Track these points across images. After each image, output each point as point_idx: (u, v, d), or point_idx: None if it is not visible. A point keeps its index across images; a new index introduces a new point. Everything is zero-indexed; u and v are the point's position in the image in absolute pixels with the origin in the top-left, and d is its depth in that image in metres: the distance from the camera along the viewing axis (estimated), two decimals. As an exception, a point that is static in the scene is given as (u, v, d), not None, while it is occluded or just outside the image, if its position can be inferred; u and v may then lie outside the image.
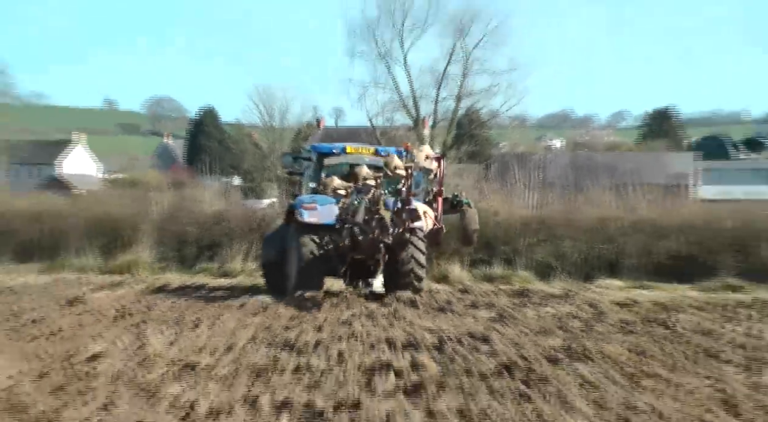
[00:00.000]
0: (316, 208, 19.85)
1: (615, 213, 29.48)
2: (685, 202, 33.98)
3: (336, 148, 21.77)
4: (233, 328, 15.12)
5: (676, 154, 77.36)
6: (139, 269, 26.97)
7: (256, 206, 36.19)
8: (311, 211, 19.80)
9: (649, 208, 30.06)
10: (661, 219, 28.23)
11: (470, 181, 38.40)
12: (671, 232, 27.46)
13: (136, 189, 40.59)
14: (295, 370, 11.52)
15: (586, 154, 71.78)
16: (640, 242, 27.26)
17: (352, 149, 21.97)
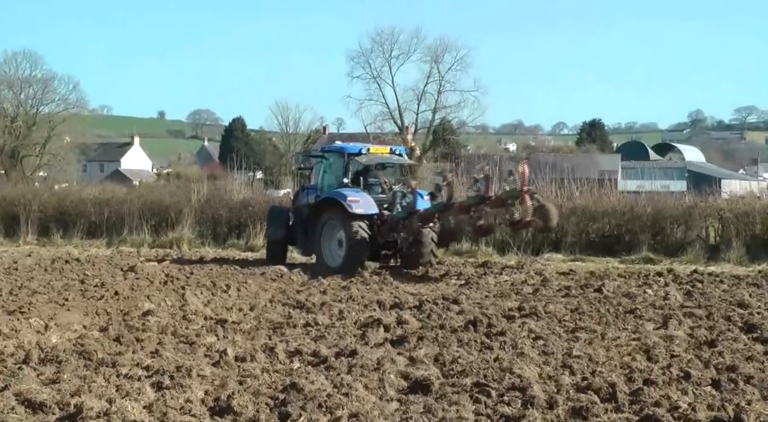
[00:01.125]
0: (359, 201, 18.97)
1: (557, 201, 29.44)
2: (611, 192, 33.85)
3: (363, 149, 20.76)
4: (256, 291, 15.02)
5: (605, 155, 77.41)
6: (182, 244, 26.86)
7: (274, 194, 36.15)
8: (357, 203, 18.87)
9: (583, 197, 30.08)
10: (593, 206, 28.14)
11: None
12: (601, 216, 27.43)
13: (180, 181, 40.42)
14: (305, 325, 11.42)
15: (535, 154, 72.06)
16: (577, 224, 27.21)
17: (375, 149, 21.17)
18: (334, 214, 19.30)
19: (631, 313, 12.50)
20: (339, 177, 20.10)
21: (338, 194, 19.39)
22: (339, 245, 19.27)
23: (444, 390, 7.62)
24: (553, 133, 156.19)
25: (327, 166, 20.76)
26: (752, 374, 8.21)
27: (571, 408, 6.99)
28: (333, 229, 19.43)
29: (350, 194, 19.22)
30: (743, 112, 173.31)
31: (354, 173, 20.03)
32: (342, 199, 19.08)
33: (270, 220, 21.93)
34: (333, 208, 19.32)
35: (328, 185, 20.36)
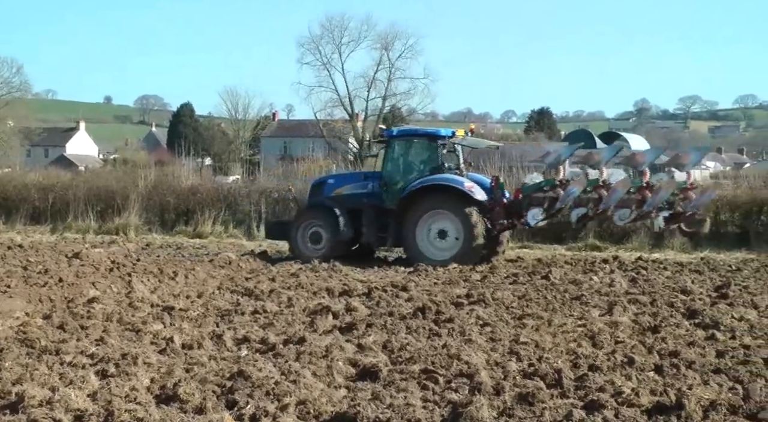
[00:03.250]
0: (474, 186, 17.82)
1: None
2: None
3: (451, 132, 19.00)
4: (204, 278, 14.89)
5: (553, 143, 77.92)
6: (128, 231, 26.57)
7: (223, 181, 35.89)
8: (474, 188, 17.71)
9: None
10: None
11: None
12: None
13: (127, 167, 39.96)
14: (253, 312, 11.35)
15: (484, 142, 72.44)
16: (525, 211, 27.37)
17: (460, 132, 19.37)
18: (440, 202, 17.89)
19: (577, 300, 12.63)
20: (429, 163, 18.63)
21: (450, 179, 18.04)
22: (441, 236, 18.01)
23: (392, 377, 7.63)
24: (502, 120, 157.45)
25: (400, 152, 19.19)
26: (694, 359, 8.35)
27: (517, 394, 7.04)
28: (433, 218, 18.02)
29: (462, 179, 18.08)
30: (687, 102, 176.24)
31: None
32: (458, 185, 17.78)
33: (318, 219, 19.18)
34: (437, 195, 17.88)
35: (410, 172, 18.79)
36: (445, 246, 17.95)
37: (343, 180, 20.28)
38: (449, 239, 17.93)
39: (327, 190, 19.75)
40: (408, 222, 18.07)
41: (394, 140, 19.28)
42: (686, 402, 6.55)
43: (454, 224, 17.83)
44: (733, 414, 6.48)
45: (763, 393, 6.98)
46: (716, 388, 7.21)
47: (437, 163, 18.48)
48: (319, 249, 18.88)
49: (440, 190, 17.83)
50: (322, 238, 19.05)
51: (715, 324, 10.42)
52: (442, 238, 18.00)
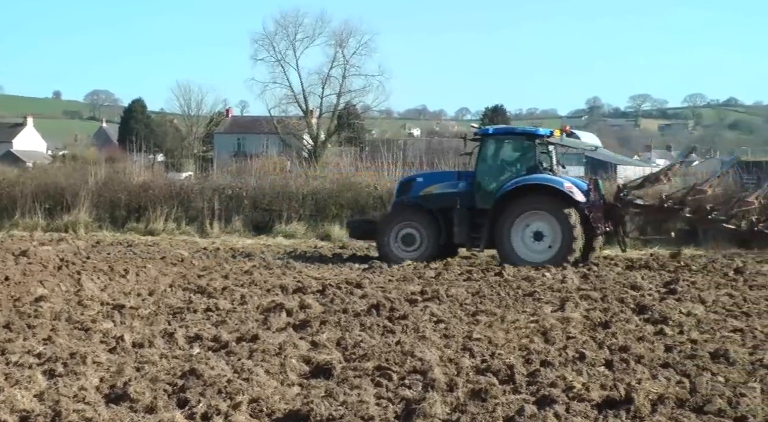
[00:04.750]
0: (574, 187, 17.44)
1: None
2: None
3: (549, 132, 18.34)
4: (155, 276, 14.76)
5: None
6: (78, 228, 26.24)
7: (176, 178, 35.62)
8: (574, 189, 17.33)
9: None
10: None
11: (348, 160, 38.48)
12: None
13: (77, 163, 39.47)
14: (206, 310, 11.27)
15: (438, 139, 72.75)
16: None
17: (557, 133, 18.55)
18: (537, 202, 17.47)
19: (529, 296, 12.73)
20: (526, 162, 18.15)
21: (549, 179, 17.61)
22: (536, 238, 17.49)
23: (346, 374, 7.63)
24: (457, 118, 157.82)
25: (494, 151, 18.67)
26: (643, 354, 8.47)
27: (470, 390, 7.08)
28: (529, 219, 17.53)
29: (564, 180, 17.69)
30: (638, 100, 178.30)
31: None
32: (558, 185, 17.36)
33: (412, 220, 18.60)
34: (535, 195, 17.48)
35: (499, 171, 18.37)
36: (540, 248, 17.46)
37: (432, 178, 19.69)
38: (545, 240, 17.42)
39: (415, 188, 19.22)
40: (503, 223, 17.56)
41: (488, 139, 18.79)
42: (635, 396, 6.65)
43: (551, 225, 17.33)
44: (680, 408, 6.60)
45: (709, 386, 7.12)
46: (664, 382, 7.32)
47: (534, 162, 18.00)
48: (411, 252, 18.39)
49: (538, 190, 17.44)
50: (415, 240, 18.51)
51: (664, 320, 10.57)
52: (537, 240, 17.48)
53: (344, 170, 33.19)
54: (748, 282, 14.56)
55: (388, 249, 18.51)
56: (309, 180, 30.15)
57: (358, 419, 6.32)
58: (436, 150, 53.56)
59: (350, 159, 39.02)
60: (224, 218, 27.37)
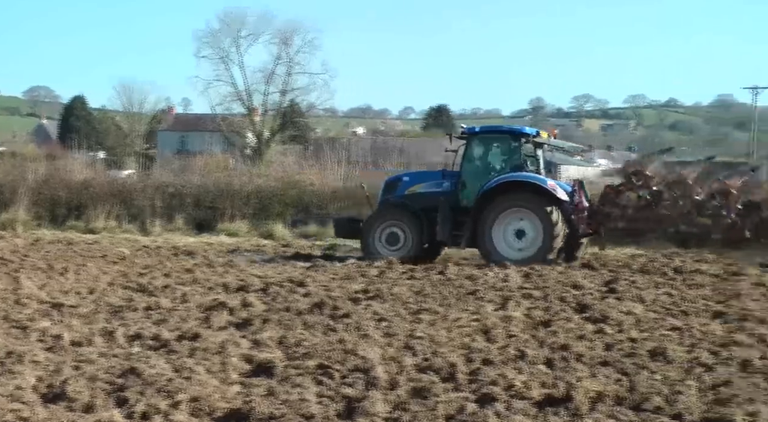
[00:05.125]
0: (557, 185, 17.46)
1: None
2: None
3: (535, 131, 18.62)
4: (95, 275, 14.55)
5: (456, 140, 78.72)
6: (16, 226, 25.75)
7: (117, 175, 35.20)
8: (557, 188, 17.32)
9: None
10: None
11: (293, 158, 38.43)
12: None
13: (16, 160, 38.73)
14: (146, 309, 11.15)
15: (383, 138, 72.86)
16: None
17: (544, 135, 18.87)
18: (519, 200, 17.44)
19: (472, 295, 12.79)
20: (510, 161, 18.12)
21: (532, 177, 17.63)
22: (518, 235, 17.46)
23: (287, 373, 7.61)
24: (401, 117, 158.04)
25: (480, 150, 18.67)
26: (583, 352, 8.58)
27: (412, 388, 7.11)
28: (512, 217, 17.48)
29: (546, 178, 17.67)
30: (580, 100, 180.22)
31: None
32: (541, 183, 17.37)
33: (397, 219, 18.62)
34: (517, 193, 17.46)
35: (484, 170, 18.31)
36: (522, 245, 17.41)
37: (417, 178, 19.63)
38: (527, 238, 17.39)
39: (401, 188, 19.21)
40: (485, 220, 17.52)
41: (474, 137, 18.80)
42: (575, 394, 6.74)
43: (533, 223, 17.30)
44: (618, 405, 6.70)
45: (647, 384, 7.23)
46: (603, 380, 7.42)
47: (519, 161, 18.02)
48: (395, 250, 18.26)
49: (521, 188, 17.42)
50: (399, 239, 18.47)
51: (604, 318, 10.70)
52: (519, 238, 17.46)
53: (288, 168, 33.11)
54: (687, 281, 14.81)
55: (372, 248, 18.48)
56: (253, 178, 30.01)
57: (299, 417, 6.31)
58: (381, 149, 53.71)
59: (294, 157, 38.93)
60: (166, 216, 27.09)
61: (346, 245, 22.43)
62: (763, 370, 7.90)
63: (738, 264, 17.33)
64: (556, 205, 17.19)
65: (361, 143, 62.48)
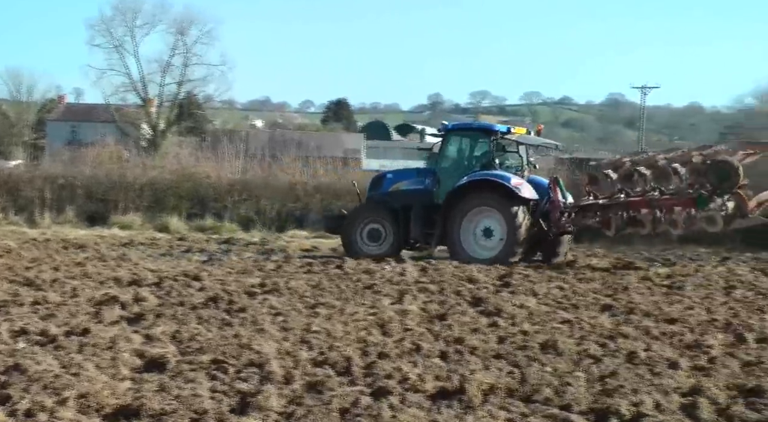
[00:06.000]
0: (523, 184, 17.16)
1: (302, 178, 29.96)
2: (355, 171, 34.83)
3: (506, 128, 18.40)
4: (-21, 268, 14.05)
5: (350, 134, 78.99)
6: None
7: (4, 166, 34.10)
8: (522, 186, 17.03)
9: (328, 175, 30.74)
10: (338, 183, 28.88)
11: (189, 151, 37.95)
12: (345, 194, 28.13)
13: None
14: (33, 303, 10.80)
15: (281, 132, 72.52)
16: (321, 201, 27.74)
17: (518, 130, 18.76)
18: (485, 199, 17.30)
19: (369, 289, 12.86)
20: (480, 158, 18.06)
21: (497, 175, 17.31)
22: (486, 234, 17.38)
23: (180, 368, 7.50)
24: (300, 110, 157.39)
25: (454, 147, 18.65)
26: (477, 345, 8.71)
27: (307, 382, 7.10)
28: (479, 216, 17.42)
29: (512, 176, 17.28)
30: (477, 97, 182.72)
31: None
32: (505, 181, 17.07)
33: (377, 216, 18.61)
34: (483, 192, 17.30)
35: (461, 168, 18.15)
36: (490, 244, 17.34)
37: (400, 175, 19.47)
38: (494, 237, 17.29)
39: (386, 185, 19.15)
40: (453, 219, 17.47)
41: (449, 134, 18.74)
42: (468, 386, 6.84)
43: (499, 222, 17.19)
44: (510, 397, 6.84)
45: (538, 376, 7.39)
46: (496, 373, 7.54)
47: (488, 159, 17.86)
48: (376, 247, 18.26)
49: (488, 187, 17.25)
50: (380, 236, 18.44)
51: (498, 312, 10.90)
52: (487, 237, 17.39)
53: (184, 161, 32.68)
54: (578, 275, 15.20)
55: (352, 243, 18.49)
56: (147, 170, 29.50)
57: (192, 413, 6.22)
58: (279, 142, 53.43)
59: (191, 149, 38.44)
60: (56, 208, 26.41)
61: (243, 239, 22.28)
62: (648, 362, 8.16)
63: (626, 259, 17.90)
64: (522, 203, 17.02)
65: (260, 136, 62.06)
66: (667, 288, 13.81)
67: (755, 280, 15.08)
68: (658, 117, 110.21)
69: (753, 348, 9.08)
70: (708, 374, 7.73)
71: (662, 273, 15.90)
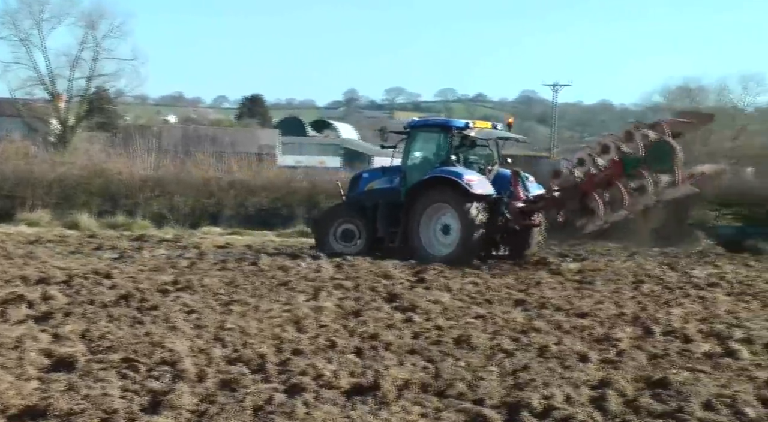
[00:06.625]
0: (477, 180, 16.71)
1: (216, 174, 29.68)
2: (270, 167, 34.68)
3: (470, 123, 18.00)
4: None
5: (265, 130, 78.42)
6: None
7: None
8: (475, 182, 16.58)
9: (242, 171, 30.51)
10: (252, 179, 28.73)
11: (100, 146, 37.26)
12: (260, 190, 28.04)
13: None
14: (-65, 303, 10.44)
15: (195, 127, 71.73)
16: (235, 197, 27.56)
17: (479, 124, 18.30)
18: (441, 196, 17.04)
19: (284, 286, 12.80)
20: (439, 155, 17.77)
21: (450, 172, 17.03)
22: (444, 231, 17.09)
23: (90, 367, 7.34)
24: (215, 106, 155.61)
25: (417, 144, 18.39)
26: (392, 341, 8.75)
27: (220, 380, 7.04)
28: (437, 213, 17.16)
29: (465, 172, 16.91)
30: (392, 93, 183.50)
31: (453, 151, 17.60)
32: (457, 178, 16.74)
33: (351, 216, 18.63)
34: (440, 189, 17.04)
35: (422, 165, 17.96)
36: (448, 241, 17.05)
37: (374, 174, 19.19)
38: (452, 234, 17.01)
39: (361, 185, 18.96)
40: (412, 217, 17.34)
41: (413, 132, 18.59)
42: (382, 382, 6.87)
43: (455, 219, 16.91)
44: (424, 392, 6.89)
45: (451, 371, 7.46)
46: (410, 368, 7.60)
47: (446, 155, 17.61)
48: (350, 247, 18.15)
49: (445, 184, 17.00)
50: (354, 235, 18.36)
51: (413, 307, 10.97)
52: (446, 234, 17.12)
53: (95, 157, 32.06)
54: (492, 270, 15.39)
55: (326, 242, 18.42)
56: (55, 166, 28.84)
57: (101, 412, 6.10)
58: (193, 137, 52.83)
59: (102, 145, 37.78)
60: (-42, 205, 25.61)
61: (156, 236, 21.97)
62: (559, 355, 8.32)
63: (538, 254, 18.20)
64: (477, 199, 16.71)
65: (173, 131, 61.26)
66: (578, 283, 14.11)
67: (662, 275, 15.53)
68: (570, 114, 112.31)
69: (659, 340, 9.33)
70: (617, 367, 7.93)
71: (573, 268, 16.22)
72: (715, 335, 9.67)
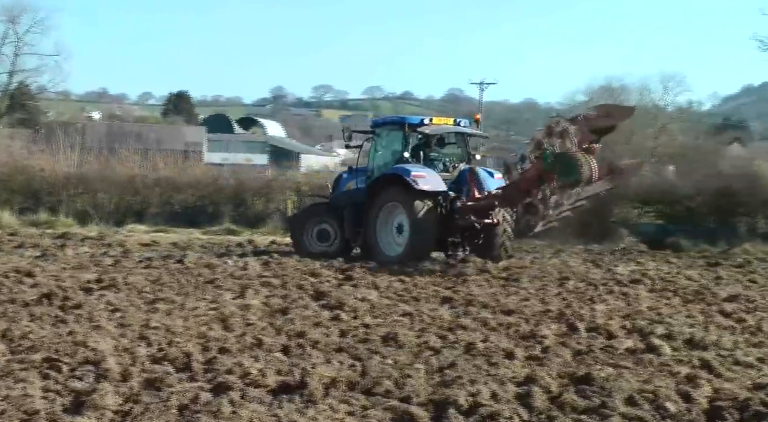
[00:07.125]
0: (425, 176, 16.15)
1: (141, 171, 29.29)
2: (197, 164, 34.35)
3: (425, 119, 17.64)
4: None
5: (191, 127, 77.55)
6: None
7: None
8: (422, 179, 16.02)
9: (168, 168, 30.16)
10: (178, 177, 28.43)
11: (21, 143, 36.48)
12: (185, 187, 27.75)
13: None
14: None
15: (119, 124, 70.65)
16: (161, 195, 27.24)
17: (438, 120, 18.04)
18: (393, 194, 16.58)
19: (211, 284, 12.70)
20: (396, 152, 17.38)
21: (399, 169, 16.59)
22: (398, 231, 16.59)
23: (10, 368, 7.17)
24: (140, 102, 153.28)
25: (380, 142, 17.98)
26: (319, 339, 8.72)
27: (145, 379, 6.94)
28: (391, 212, 16.73)
29: (413, 169, 16.42)
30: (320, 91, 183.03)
31: (413, 148, 17.18)
32: (404, 175, 16.26)
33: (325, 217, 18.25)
34: (392, 187, 16.57)
35: (383, 164, 17.52)
36: (401, 240, 16.58)
37: (351, 175, 18.64)
38: (404, 234, 16.52)
39: (341, 185, 18.66)
40: (369, 216, 16.95)
41: (375, 130, 18.28)
42: (309, 380, 6.84)
43: (402, 217, 16.54)
44: (351, 390, 6.88)
45: (378, 369, 7.46)
46: (337, 366, 7.57)
47: (400, 152, 17.21)
48: (324, 246, 17.89)
49: (397, 183, 16.51)
50: (329, 236, 18.04)
51: (340, 305, 10.95)
52: (399, 233, 16.64)
53: (16, 153, 31.39)
54: (419, 269, 15.45)
55: (301, 242, 18.15)
56: (-26, 163, 28.15)
57: (22, 413, 5.97)
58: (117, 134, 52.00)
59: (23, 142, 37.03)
60: None
61: (79, 234, 21.58)
62: (485, 352, 8.38)
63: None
64: (426, 197, 16.21)
65: (97, 128, 60.27)
66: (505, 281, 14.22)
67: (587, 272, 15.76)
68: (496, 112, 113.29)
69: (584, 337, 9.47)
70: (542, 363, 8.02)
71: (500, 265, 16.35)
72: (637, 331, 9.83)
